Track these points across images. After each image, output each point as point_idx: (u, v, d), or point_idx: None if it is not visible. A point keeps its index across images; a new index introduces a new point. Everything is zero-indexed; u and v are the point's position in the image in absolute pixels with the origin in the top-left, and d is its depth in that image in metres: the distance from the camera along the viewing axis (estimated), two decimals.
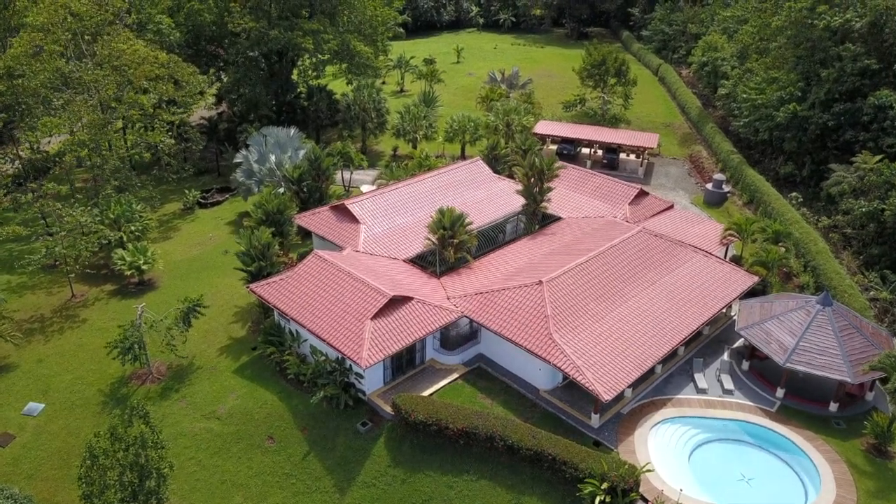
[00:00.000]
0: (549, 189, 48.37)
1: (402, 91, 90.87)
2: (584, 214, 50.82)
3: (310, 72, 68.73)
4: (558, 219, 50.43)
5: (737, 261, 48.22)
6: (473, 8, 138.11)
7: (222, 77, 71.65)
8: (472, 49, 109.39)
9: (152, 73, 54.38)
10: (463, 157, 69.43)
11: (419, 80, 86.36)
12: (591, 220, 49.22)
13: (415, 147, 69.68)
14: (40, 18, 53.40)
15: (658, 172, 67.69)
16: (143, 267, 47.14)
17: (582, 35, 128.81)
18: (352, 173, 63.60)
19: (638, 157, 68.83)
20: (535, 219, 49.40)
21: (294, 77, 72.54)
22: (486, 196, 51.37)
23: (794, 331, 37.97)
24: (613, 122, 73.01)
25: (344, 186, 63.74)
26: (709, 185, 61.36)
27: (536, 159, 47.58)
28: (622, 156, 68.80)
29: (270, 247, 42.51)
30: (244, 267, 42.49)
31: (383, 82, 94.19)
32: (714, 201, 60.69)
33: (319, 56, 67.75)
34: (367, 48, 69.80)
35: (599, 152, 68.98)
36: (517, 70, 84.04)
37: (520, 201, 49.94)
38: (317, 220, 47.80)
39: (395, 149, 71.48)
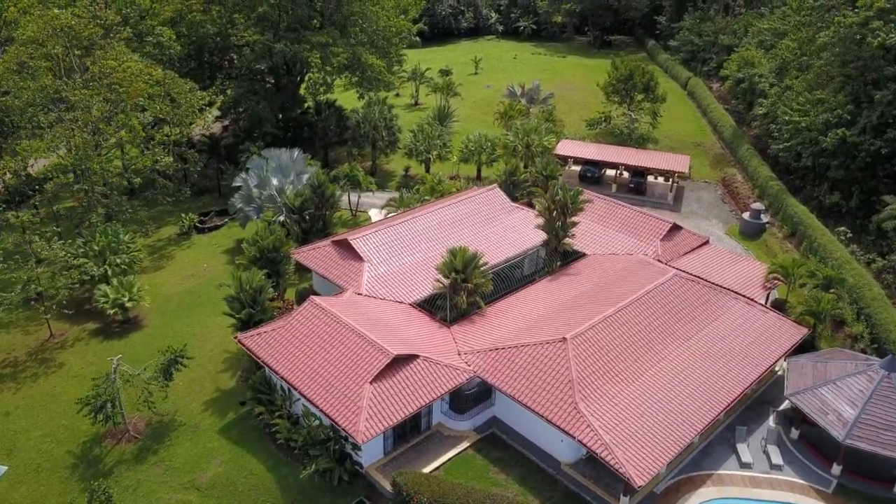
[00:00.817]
0: (573, 224, 43.81)
1: (416, 104, 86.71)
2: (610, 251, 46.20)
3: (318, 87, 64.74)
4: (582, 255, 45.84)
5: (781, 306, 43.33)
6: (492, 15, 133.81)
7: (227, 91, 67.92)
8: (490, 59, 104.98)
9: (145, 92, 50.57)
10: (478, 178, 65.12)
11: (434, 93, 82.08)
12: (619, 259, 44.60)
13: (427, 169, 65.43)
14: (28, 31, 49.91)
15: (689, 197, 62.79)
16: (128, 304, 43.28)
17: (605, 44, 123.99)
18: (359, 196, 59.46)
19: (667, 180, 64.04)
20: (557, 255, 44.87)
21: (302, 91, 68.61)
22: (503, 230, 46.93)
23: (855, 400, 33.12)
24: (640, 142, 68.17)
25: (351, 211, 59.64)
26: (746, 215, 56.39)
27: (560, 192, 43.03)
28: (650, 178, 64.01)
29: (263, 291, 38.41)
30: (233, 313, 38.42)
31: (397, 94, 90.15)
32: (751, 232, 55.74)
33: (328, 70, 63.73)
34: (379, 61, 65.69)
35: (625, 174, 64.22)
36: (538, 83, 79.53)
37: (540, 235, 45.45)
38: (317, 256, 43.66)
39: (406, 169, 67.28)
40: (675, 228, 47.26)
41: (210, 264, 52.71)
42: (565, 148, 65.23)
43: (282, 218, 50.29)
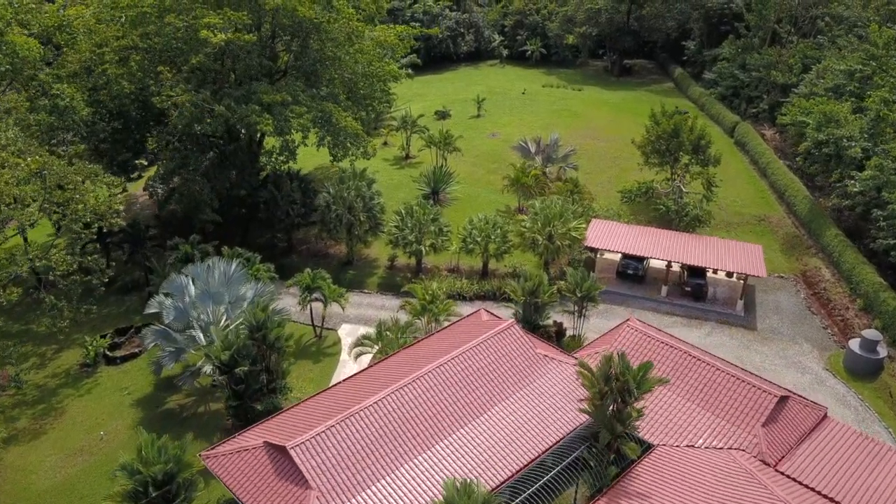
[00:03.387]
0: (638, 415, 28.52)
1: (407, 157, 71.54)
2: (686, 440, 30.91)
3: (278, 156, 49.50)
4: (647, 447, 30.53)
5: None
6: (496, 37, 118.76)
7: (161, 161, 52.75)
8: (495, 94, 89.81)
9: (9, 191, 35.36)
10: (485, 274, 49.89)
11: (429, 147, 66.94)
12: (703, 462, 29.26)
13: (419, 264, 50.28)
14: None
15: (764, 303, 47.54)
16: None
17: (625, 70, 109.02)
18: (325, 310, 44.26)
19: (730, 275, 48.91)
20: (609, 455, 29.60)
21: (261, 160, 53.25)
22: (527, 409, 31.50)
23: None
24: (693, 224, 52.75)
25: (314, 328, 44.55)
26: (854, 345, 41.05)
27: (618, 369, 27.74)
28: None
29: None
30: None
31: (385, 143, 75.14)
32: (863, 370, 40.49)
33: (289, 139, 48.67)
34: (355, 123, 50.54)
35: (675, 265, 48.76)
36: (556, 138, 64.33)
37: (580, 412, 30.22)
38: (238, 465, 28.32)
39: (392, 259, 52.02)
40: (783, 400, 31.98)
41: (112, 428, 37.50)
42: (598, 233, 49.80)
43: (208, 370, 35.00)
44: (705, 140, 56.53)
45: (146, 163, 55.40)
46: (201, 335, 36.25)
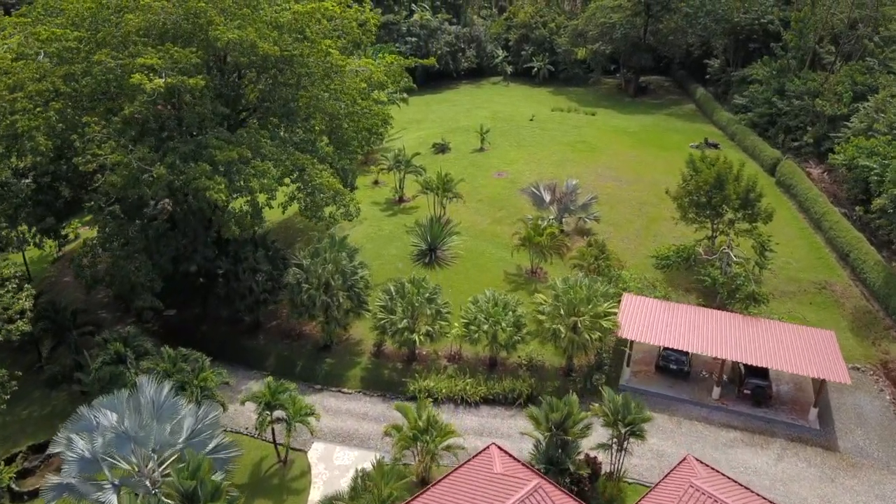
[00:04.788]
0: None
1: (400, 201, 62.09)
2: None
3: (240, 220, 39.93)
4: None
5: None
6: (499, 52, 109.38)
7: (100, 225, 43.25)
8: (500, 122, 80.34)
9: None
10: (492, 366, 40.55)
11: (425, 192, 57.48)
12: None
13: (412, 354, 40.89)
14: None
15: (841, 409, 38.06)
16: None
17: (641, 89, 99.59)
18: (292, 430, 34.71)
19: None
20: None
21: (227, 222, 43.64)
22: None
23: None
24: (746, 302, 43.07)
25: (276, 448, 35.15)
26: None
27: None
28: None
29: None
30: None
31: (376, 181, 65.79)
32: None
33: (246, 198, 39.31)
34: (334, 180, 41.13)
35: (728, 357, 39.16)
36: (573, 184, 54.82)
37: None
38: None
39: (378, 345, 42.55)
40: None
41: None
42: (632, 316, 40.04)
43: None
44: (755, 193, 47.13)
45: (79, 225, 46.24)
46: (114, 500, 26.76)
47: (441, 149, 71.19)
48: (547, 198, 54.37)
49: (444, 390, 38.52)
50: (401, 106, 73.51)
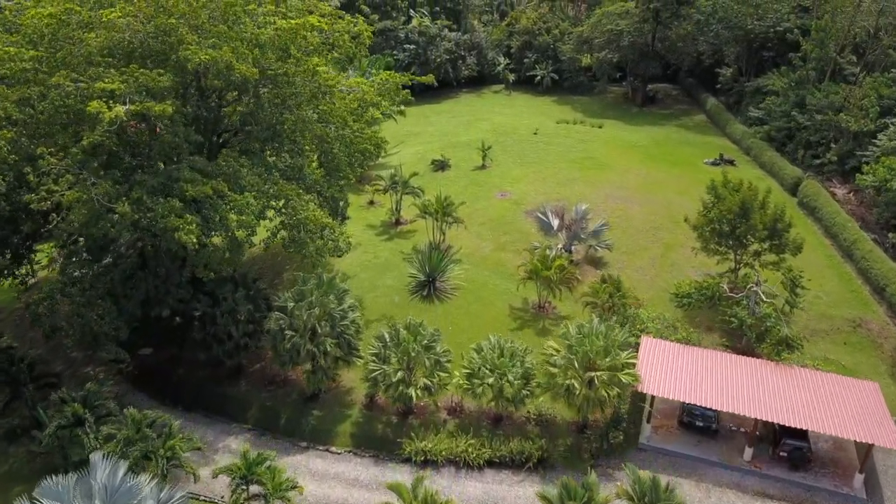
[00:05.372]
0: None
1: (397, 224, 58.03)
2: None
3: (201, 265, 35.79)
4: None
5: None
6: (501, 60, 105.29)
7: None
8: (502, 136, 76.29)
9: None
10: (498, 420, 36.51)
11: (424, 216, 53.38)
12: None
13: (408, 408, 36.81)
14: None
15: (890, 473, 33.95)
16: None
17: (648, 99, 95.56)
18: None
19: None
20: None
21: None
22: None
23: None
24: (779, 347, 38.96)
25: None
26: None
27: None
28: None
29: None
30: None
31: (371, 202, 61.79)
32: None
33: (225, 235, 35.20)
34: (322, 215, 37.06)
35: (763, 417, 35.00)
36: (583, 210, 50.70)
37: None
38: None
39: (370, 397, 38.46)
40: None
41: None
42: (652, 365, 36.03)
43: None
44: (784, 223, 43.08)
45: (53, 251, 42.22)
46: None
47: (440, 166, 67.18)
48: (555, 224, 50.33)
49: (443, 452, 34.46)
50: (397, 120, 69.52)
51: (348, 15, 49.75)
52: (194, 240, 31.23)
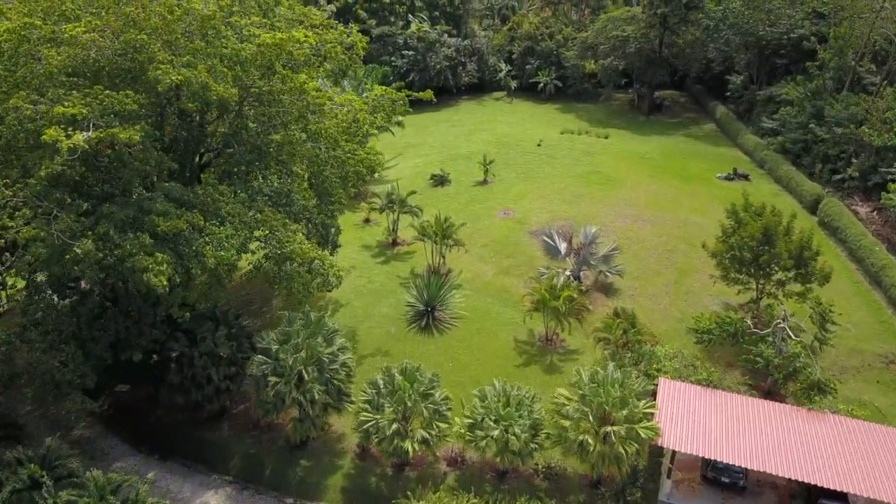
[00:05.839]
0: None
1: (394, 245, 54.78)
2: None
3: (176, 306, 32.54)
4: None
5: None
6: (502, 66, 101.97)
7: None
8: (504, 147, 73.08)
9: None
10: (503, 474, 33.24)
11: (423, 239, 50.08)
12: None
13: (402, 463, 33.52)
14: None
15: None
16: None
17: (656, 107, 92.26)
18: None
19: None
20: None
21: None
22: None
23: None
24: (811, 391, 35.64)
25: None
26: None
27: None
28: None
29: None
30: None
31: (367, 221, 58.61)
32: None
33: (202, 273, 31.91)
34: (313, 249, 33.76)
35: (798, 477, 31.70)
36: (592, 233, 47.37)
37: None
38: None
39: (361, 447, 35.14)
40: None
41: None
42: (672, 414, 32.60)
43: None
44: (810, 251, 39.88)
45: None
46: None
47: (440, 181, 63.93)
48: (562, 248, 47.05)
49: None
50: (394, 133, 66.31)
51: (341, 25, 46.65)
52: (164, 282, 27.99)
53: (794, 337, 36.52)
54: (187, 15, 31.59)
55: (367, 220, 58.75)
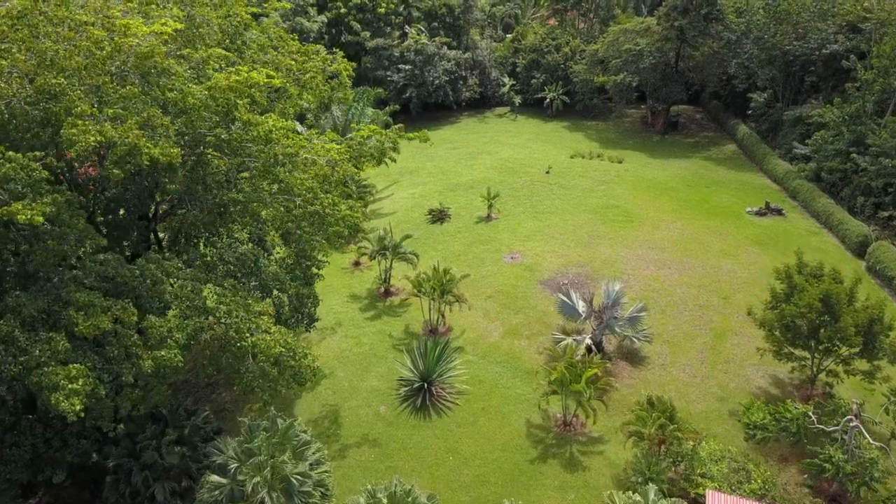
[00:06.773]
0: None
1: (387, 295, 48.21)
2: None
3: (106, 418, 26.06)
4: None
5: None
6: (505, 80, 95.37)
7: None
8: (509, 174, 66.55)
9: None
10: None
11: (418, 293, 43.46)
12: None
13: None
14: None
15: None
16: None
17: (671, 125, 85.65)
18: None
19: None
20: None
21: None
22: None
23: None
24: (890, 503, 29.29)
25: None
26: None
27: None
28: None
29: None
30: None
31: (356, 264, 52.08)
32: None
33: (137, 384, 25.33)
34: (271, 340, 27.11)
35: None
36: (617, 290, 40.69)
37: None
38: None
39: None
40: None
41: None
42: None
43: None
44: (881, 325, 33.32)
45: None
46: None
47: (439, 216, 57.34)
48: (581, 308, 40.41)
49: None
50: (389, 164, 59.71)
51: (324, 51, 40.16)
52: (77, 407, 21.37)
53: (871, 441, 29.87)
54: (119, 52, 24.95)
55: (356, 264, 52.22)
